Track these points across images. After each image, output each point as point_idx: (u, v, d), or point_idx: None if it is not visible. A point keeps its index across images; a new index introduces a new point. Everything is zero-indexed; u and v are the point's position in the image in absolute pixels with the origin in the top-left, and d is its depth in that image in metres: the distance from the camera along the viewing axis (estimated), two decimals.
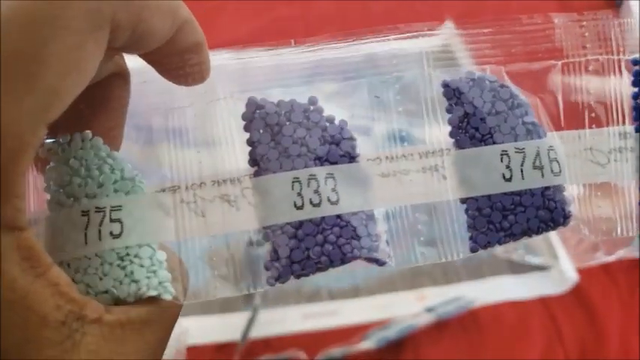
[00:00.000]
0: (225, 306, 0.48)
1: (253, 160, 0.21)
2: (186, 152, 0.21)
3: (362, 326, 0.47)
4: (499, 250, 0.51)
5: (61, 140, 0.21)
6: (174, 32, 0.19)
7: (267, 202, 0.21)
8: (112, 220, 0.20)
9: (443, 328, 0.47)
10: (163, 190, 0.21)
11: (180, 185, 0.21)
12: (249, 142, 0.22)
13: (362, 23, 0.68)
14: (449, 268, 0.50)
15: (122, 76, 0.22)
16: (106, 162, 0.21)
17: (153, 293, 0.20)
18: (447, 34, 0.22)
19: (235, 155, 0.21)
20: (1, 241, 0.16)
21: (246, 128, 0.22)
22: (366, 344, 0.45)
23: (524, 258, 0.50)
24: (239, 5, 0.65)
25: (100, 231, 0.20)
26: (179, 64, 0.20)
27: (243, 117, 0.22)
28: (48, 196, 0.20)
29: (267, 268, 0.21)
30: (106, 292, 0.20)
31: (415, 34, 0.23)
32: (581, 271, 0.49)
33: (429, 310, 0.47)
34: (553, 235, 0.51)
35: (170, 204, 0.21)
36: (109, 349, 0.18)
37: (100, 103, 0.21)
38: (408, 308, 0.47)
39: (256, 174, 0.21)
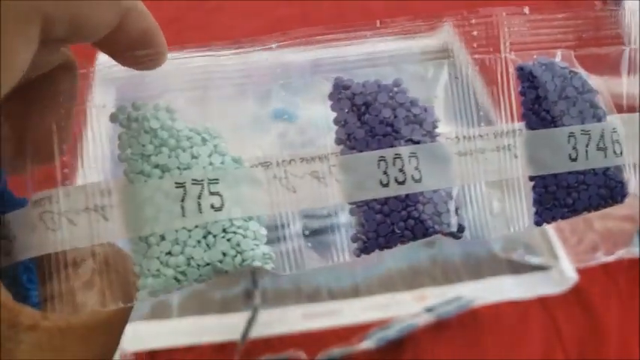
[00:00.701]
0: (224, 306, 0.48)
1: (339, 139, 0.22)
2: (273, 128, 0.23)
3: (362, 326, 0.47)
4: (499, 249, 0.51)
5: (131, 108, 0.20)
6: (118, 20, 0.19)
7: (353, 180, 0.22)
8: (211, 193, 0.20)
9: (443, 328, 0.47)
10: (256, 166, 0.21)
11: (271, 161, 0.21)
12: (336, 122, 0.22)
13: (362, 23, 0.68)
14: (449, 268, 0.50)
15: (68, 67, 0.21)
16: (199, 133, 0.21)
17: (257, 264, 0.20)
18: (446, 34, 0.22)
19: (322, 133, 0.22)
20: None
21: (333, 108, 0.22)
22: (366, 344, 0.45)
23: (524, 258, 0.50)
24: (239, 5, 0.65)
25: (199, 203, 0.20)
26: (130, 51, 0.20)
27: (330, 97, 0.22)
28: (125, 166, 0.20)
29: (353, 240, 0.22)
30: (209, 264, 0.20)
31: (414, 30, 0.23)
32: (581, 271, 0.49)
33: (429, 310, 0.47)
34: (553, 235, 0.51)
35: (264, 179, 0.21)
36: (46, 358, 0.17)
37: (48, 96, 0.21)
38: (408, 308, 0.47)
39: (343, 152, 0.22)
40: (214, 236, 0.20)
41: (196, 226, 0.20)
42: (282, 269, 0.21)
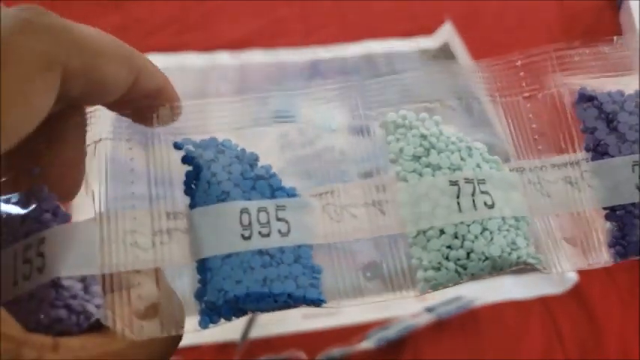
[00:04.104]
0: None
1: (589, 146, 0.23)
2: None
3: (362, 326, 0.47)
4: None
5: (398, 117, 0.22)
6: (132, 81, 0.20)
7: (607, 185, 0.22)
8: (482, 192, 0.21)
9: (443, 328, 0.47)
10: (511, 171, 0.22)
11: (524, 167, 0.22)
12: (584, 129, 0.23)
13: (362, 23, 0.68)
14: None
15: (77, 107, 0.21)
16: (463, 141, 0.22)
17: (531, 261, 0.21)
18: (446, 34, 0.22)
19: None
20: None
21: (579, 116, 0.23)
22: (366, 344, 0.45)
23: None
24: (239, 5, 0.65)
25: (473, 200, 0.21)
26: (144, 111, 0.21)
27: (576, 107, 0.23)
28: (397, 167, 0.22)
29: (611, 245, 0.22)
30: (488, 258, 0.20)
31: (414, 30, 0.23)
32: (581, 272, 0.49)
33: (429, 310, 0.47)
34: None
35: (520, 183, 0.22)
36: None
37: (58, 135, 0.21)
38: (408, 308, 0.47)
39: (594, 158, 0.23)
40: (491, 232, 0.21)
41: (474, 222, 0.21)
42: (552, 270, 0.22)
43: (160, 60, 0.21)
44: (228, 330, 0.46)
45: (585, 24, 0.66)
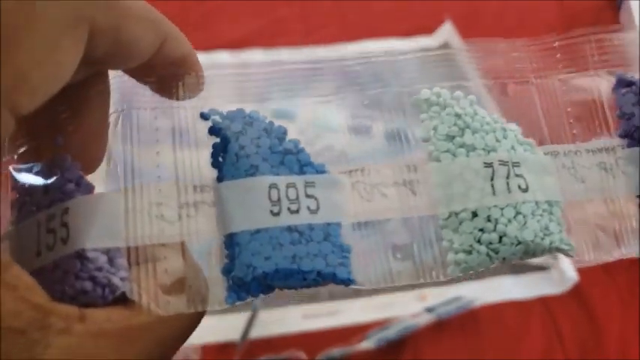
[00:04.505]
0: None
1: (624, 132, 0.22)
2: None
3: (362, 326, 0.47)
4: None
5: (433, 95, 0.21)
6: (158, 46, 0.19)
7: None
8: (516, 175, 0.20)
9: (443, 328, 0.47)
10: (545, 154, 0.22)
11: (559, 151, 0.22)
12: (621, 115, 0.22)
13: (362, 23, 0.68)
14: None
15: (100, 74, 0.21)
16: (498, 122, 0.21)
17: (564, 247, 0.20)
18: (446, 34, 0.22)
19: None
20: None
21: (618, 102, 0.23)
22: (366, 344, 0.45)
23: None
24: (239, 5, 0.65)
25: (507, 183, 0.20)
26: (168, 79, 0.20)
27: (614, 92, 0.23)
28: (430, 147, 0.21)
29: None
30: (521, 243, 0.20)
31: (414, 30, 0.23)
32: (581, 271, 0.49)
33: (429, 310, 0.47)
34: None
35: (553, 167, 0.22)
36: None
37: (81, 103, 0.21)
38: (408, 308, 0.47)
39: (629, 145, 0.22)
40: (524, 216, 0.20)
41: (507, 205, 0.20)
42: (584, 257, 0.21)
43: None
44: (228, 330, 0.46)
45: (585, 24, 0.66)
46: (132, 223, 0.19)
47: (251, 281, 0.19)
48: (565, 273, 0.49)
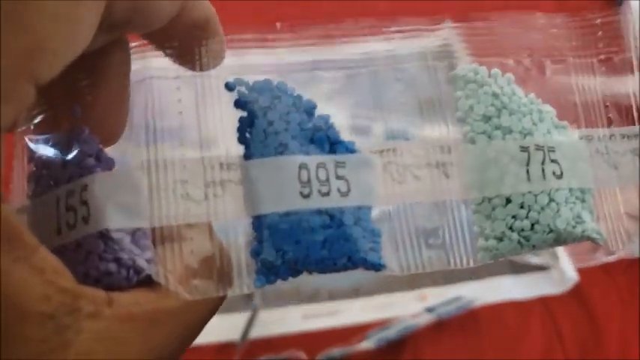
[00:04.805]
0: (225, 306, 0.47)
1: None
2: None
3: (362, 326, 0.47)
4: None
5: (471, 72, 0.21)
6: (178, 8, 0.18)
7: None
8: (551, 161, 0.20)
9: (443, 328, 0.47)
10: (580, 139, 0.21)
11: (593, 135, 0.21)
12: None
13: (361, 23, 0.68)
14: None
15: (120, 42, 0.20)
16: (534, 103, 0.21)
17: (595, 237, 0.20)
18: (446, 33, 0.22)
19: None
20: None
21: None
22: (366, 344, 0.45)
23: (525, 258, 0.50)
24: (239, 5, 0.65)
25: (543, 169, 0.20)
26: (188, 45, 0.19)
27: None
28: (466, 127, 0.20)
29: None
30: (552, 231, 0.19)
31: (415, 30, 0.23)
32: (581, 271, 0.49)
33: (429, 310, 0.47)
34: None
35: (588, 153, 0.21)
36: (104, 350, 0.15)
37: (100, 72, 0.19)
38: (408, 308, 0.47)
39: None
40: (557, 204, 0.20)
41: (542, 192, 0.20)
42: (612, 246, 0.21)
43: (159, 60, 0.20)
44: (228, 330, 0.46)
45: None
46: (156, 201, 0.18)
47: (280, 265, 0.19)
48: (565, 273, 0.49)
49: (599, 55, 0.22)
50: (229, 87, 0.20)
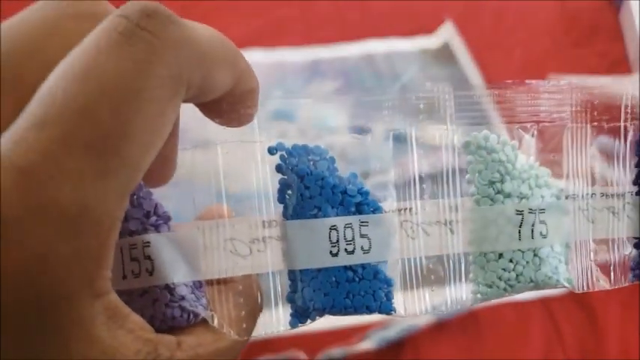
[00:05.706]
0: None
1: (637, 180, 0.24)
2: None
3: (362, 326, 0.47)
4: None
5: (482, 138, 0.23)
6: (232, 85, 0.19)
7: None
8: (540, 222, 0.23)
9: (443, 328, 0.47)
10: (566, 198, 0.24)
11: (577, 194, 0.24)
12: (637, 164, 0.24)
13: (362, 23, 0.68)
14: None
15: None
16: (533, 168, 0.23)
17: (566, 284, 0.23)
18: (446, 34, 0.22)
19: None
20: (94, 309, 0.17)
21: (637, 152, 0.24)
22: (366, 344, 0.45)
23: None
24: (238, 5, 0.65)
25: (532, 230, 0.23)
26: (232, 110, 0.20)
27: (634, 144, 0.24)
28: (472, 189, 0.23)
29: (632, 269, 0.24)
30: (533, 282, 0.23)
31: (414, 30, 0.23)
32: None
33: None
34: None
35: (571, 210, 0.24)
36: None
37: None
38: None
39: (638, 193, 0.24)
40: (540, 259, 0.23)
41: (528, 249, 0.23)
42: (579, 289, 0.24)
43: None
44: None
45: (585, 24, 0.66)
46: (209, 257, 0.21)
47: (311, 311, 0.23)
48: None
49: (594, 121, 0.24)
50: (271, 151, 0.22)
